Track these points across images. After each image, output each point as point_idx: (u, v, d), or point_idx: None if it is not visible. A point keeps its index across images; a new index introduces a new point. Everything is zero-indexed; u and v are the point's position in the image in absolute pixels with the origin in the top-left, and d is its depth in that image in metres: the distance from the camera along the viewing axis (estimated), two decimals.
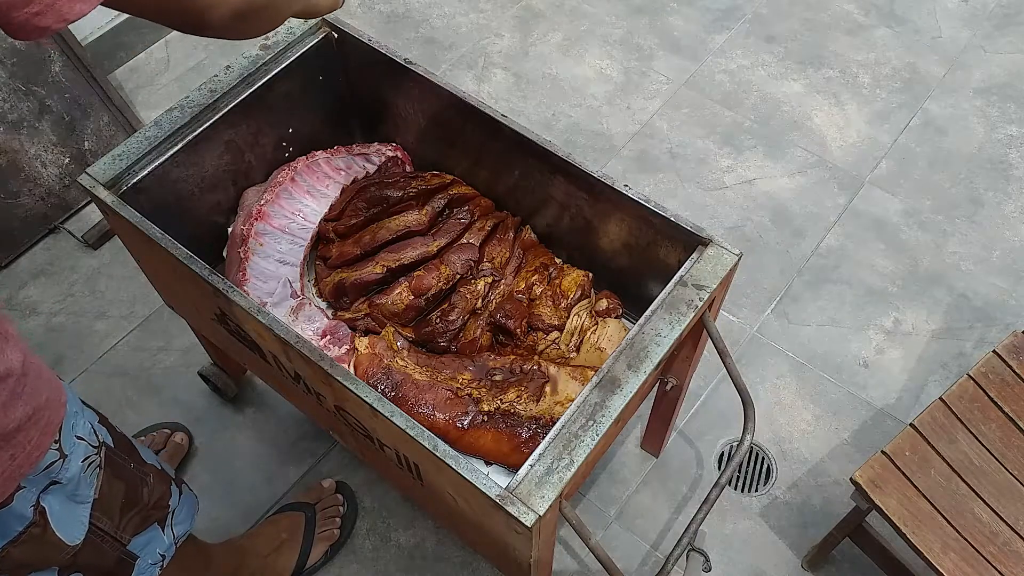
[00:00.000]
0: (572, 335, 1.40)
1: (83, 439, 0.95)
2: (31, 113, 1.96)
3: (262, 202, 1.45)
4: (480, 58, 2.53)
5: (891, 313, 2.01)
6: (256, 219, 1.43)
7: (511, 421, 1.26)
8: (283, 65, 1.42)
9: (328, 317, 1.40)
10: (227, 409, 1.86)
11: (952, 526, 1.30)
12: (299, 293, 1.43)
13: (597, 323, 1.40)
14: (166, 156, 1.33)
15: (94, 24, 2.34)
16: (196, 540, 1.36)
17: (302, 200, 1.49)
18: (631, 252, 1.38)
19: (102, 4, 0.64)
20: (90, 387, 1.89)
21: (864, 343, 1.97)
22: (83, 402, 1.01)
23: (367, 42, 1.44)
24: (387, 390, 1.29)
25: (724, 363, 1.23)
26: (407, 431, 1.05)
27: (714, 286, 1.18)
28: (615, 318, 1.43)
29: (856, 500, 1.41)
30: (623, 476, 1.78)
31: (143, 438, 1.76)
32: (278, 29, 1.46)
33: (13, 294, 2.04)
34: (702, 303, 1.16)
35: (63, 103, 2.01)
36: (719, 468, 1.79)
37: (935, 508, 1.32)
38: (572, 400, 1.16)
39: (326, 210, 1.51)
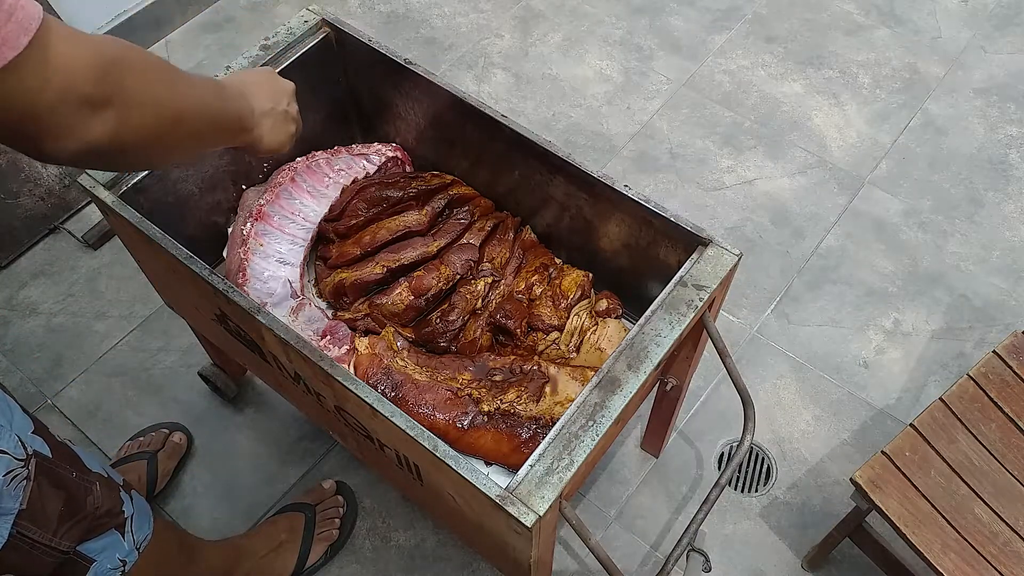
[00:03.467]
0: (572, 335, 1.40)
1: (6, 453, 0.94)
2: None
3: (262, 202, 1.45)
4: (480, 58, 2.53)
5: (891, 313, 2.01)
6: (256, 219, 1.43)
7: (511, 421, 1.26)
8: (283, 65, 1.42)
9: (328, 317, 1.40)
10: (227, 409, 1.86)
11: (952, 526, 1.30)
12: (299, 293, 1.43)
13: (597, 323, 1.40)
14: None
15: (94, 24, 2.34)
16: (180, 533, 1.35)
17: (302, 200, 1.49)
18: (631, 252, 1.38)
19: None
20: (90, 387, 1.89)
21: (864, 343, 1.97)
22: (24, 410, 1.00)
23: (367, 42, 1.44)
24: (387, 390, 1.29)
25: (724, 363, 1.23)
26: (407, 431, 1.05)
27: (714, 286, 1.18)
28: (615, 318, 1.43)
29: (856, 500, 1.41)
30: (623, 476, 1.78)
31: (141, 438, 1.76)
32: (277, 29, 1.46)
33: (13, 294, 2.04)
34: (702, 303, 1.16)
35: None
36: (719, 468, 1.79)
37: (935, 508, 1.32)
38: (572, 400, 1.16)
39: (326, 210, 1.51)
